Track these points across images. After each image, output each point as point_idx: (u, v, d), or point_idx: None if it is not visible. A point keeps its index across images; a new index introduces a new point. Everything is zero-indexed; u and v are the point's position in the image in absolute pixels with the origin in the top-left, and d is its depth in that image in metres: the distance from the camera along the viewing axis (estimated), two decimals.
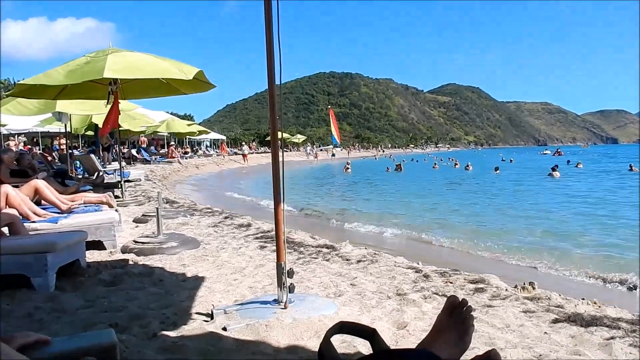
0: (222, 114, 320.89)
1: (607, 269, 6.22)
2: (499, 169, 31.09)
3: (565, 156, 55.06)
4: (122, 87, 7.57)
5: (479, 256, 7.21)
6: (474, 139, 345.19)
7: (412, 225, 10.28)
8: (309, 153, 62.41)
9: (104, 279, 3.98)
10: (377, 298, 3.50)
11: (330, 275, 4.16)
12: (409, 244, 8.19)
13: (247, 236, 6.07)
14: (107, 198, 6.14)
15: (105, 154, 18.91)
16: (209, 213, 8.27)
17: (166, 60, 6.15)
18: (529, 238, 8.78)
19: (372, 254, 4.98)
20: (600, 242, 8.39)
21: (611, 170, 32.10)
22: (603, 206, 13.44)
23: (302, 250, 5.19)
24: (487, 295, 3.50)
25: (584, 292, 4.62)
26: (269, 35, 2.93)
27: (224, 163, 36.40)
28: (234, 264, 4.58)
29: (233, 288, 3.79)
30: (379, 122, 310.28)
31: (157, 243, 5.13)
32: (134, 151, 25.87)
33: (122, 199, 9.26)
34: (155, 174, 19.27)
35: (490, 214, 12.17)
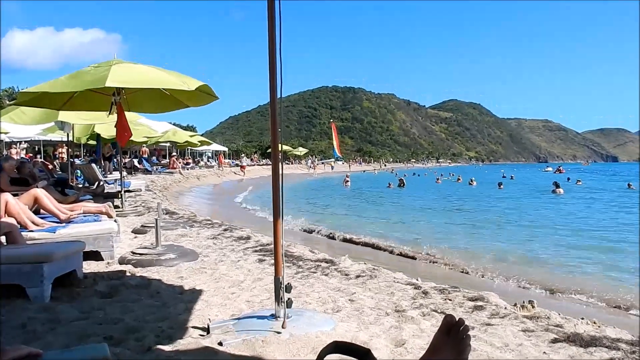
0: (224, 125, 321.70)
1: (608, 288, 6.19)
2: (502, 185, 31.29)
3: (567, 173, 55.31)
4: (127, 98, 7.59)
5: (479, 273, 7.17)
6: (475, 155, 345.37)
7: (412, 239, 10.25)
8: (309, 166, 62.29)
9: (101, 290, 3.95)
10: (376, 314, 3.47)
11: (328, 290, 4.13)
12: (409, 260, 8.14)
13: (246, 249, 6.05)
14: (106, 208, 6.14)
15: (107, 163, 18.95)
16: (209, 225, 8.24)
17: (170, 72, 6.19)
18: (534, 254, 8.75)
19: (371, 269, 4.95)
20: (602, 261, 8.35)
21: (610, 189, 32.06)
22: (600, 227, 13.40)
23: (300, 264, 5.17)
24: (486, 314, 3.47)
25: (583, 311, 4.58)
26: (271, 48, 2.93)
27: (225, 174, 36.41)
28: (232, 277, 4.55)
29: (230, 302, 3.76)
30: (380, 136, 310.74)
31: (155, 255, 5.10)
32: (136, 161, 25.89)
33: (121, 209, 9.24)
34: (156, 184, 19.27)
35: (496, 230, 12.13)
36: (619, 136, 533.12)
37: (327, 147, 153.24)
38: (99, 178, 11.61)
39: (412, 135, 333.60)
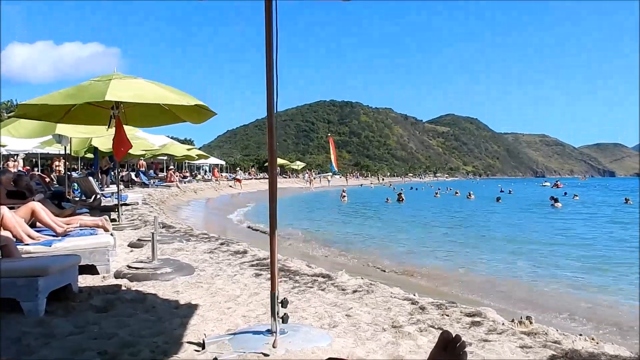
0: (222, 139, 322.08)
1: (607, 301, 6.18)
2: (500, 199, 31.71)
3: (564, 188, 55.62)
4: (125, 112, 7.60)
5: (477, 288, 7.16)
6: (472, 169, 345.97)
7: (409, 254, 10.24)
8: (306, 180, 61.87)
9: (96, 304, 3.93)
10: (372, 330, 3.44)
11: (325, 305, 4.11)
12: (406, 275, 8.13)
13: (242, 263, 6.02)
14: (102, 221, 6.11)
15: (104, 176, 18.91)
16: (205, 239, 8.22)
17: (169, 88, 6.20)
18: (534, 270, 8.74)
19: (368, 284, 4.92)
20: (601, 275, 8.35)
21: (608, 203, 32.14)
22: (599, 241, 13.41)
23: (297, 279, 5.14)
24: (484, 329, 3.45)
25: (581, 327, 4.57)
26: (269, 61, 2.94)
27: (222, 188, 36.37)
28: (228, 292, 4.53)
29: (226, 317, 3.74)
30: (378, 150, 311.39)
31: (151, 269, 5.08)
32: (133, 174, 25.86)
33: (118, 223, 9.20)
34: (153, 197, 19.22)
35: (499, 246, 12.12)
36: (615, 151, 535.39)
37: (324, 161, 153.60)
38: (96, 191, 11.59)
39: (410, 150, 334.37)
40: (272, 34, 2.86)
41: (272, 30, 2.86)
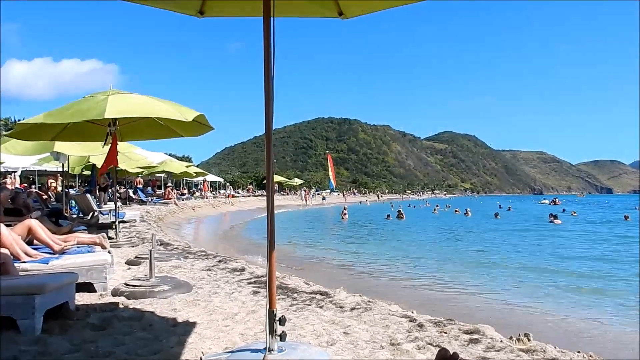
0: (220, 156, 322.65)
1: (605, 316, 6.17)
2: (499, 215, 32.00)
3: (562, 205, 55.81)
4: (121, 129, 7.64)
5: (476, 305, 7.14)
6: (471, 186, 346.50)
7: (407, 272, 10.22)
8: (303, 198, 61.23)
9: (93, 322, 3.91)
10: (370, 347, 3.43)
11: (323, 322, 4.09)
12: (405, 291, 8.11)
13: (240, 281, 6.00)
14: (100, 239, 6.10)
15: (102, 194, 18.91)
16: (203, 256, 8.20)
17: (166, 102, 6.24)
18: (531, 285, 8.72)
19: (366, 301, 4.91)
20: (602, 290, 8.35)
21: (607, 220, 32.19)
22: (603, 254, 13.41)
23: (295, 297, 5.13)
24: (482, 347, 3.44)
25: (580, 344, 4.55)
26: (267, 78, 2.96)
27: (220, 205, 36.35)
28: (226, 310, 4.51)
29: (224, 335, 3.72)
30: (376, 167, 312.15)
31: (148, 286, 5.06)
32: (131, 192, 25.84)
33: (116, 240, 9.18)
34: (151, 215, 19.20)
35: (497, 259, 12.11)
36: (612, 168, 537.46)
37: (322, 178, 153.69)
38: (94, 209, 11.59)
39: (408, 167, 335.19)
40: (270, 51, 2.89)
41: (270, 47, 2.90)
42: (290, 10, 3.42)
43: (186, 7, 3.31)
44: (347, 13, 3.37)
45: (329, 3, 3.32)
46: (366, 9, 3.38)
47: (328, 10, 3.38)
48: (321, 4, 3.35)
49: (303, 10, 3.51)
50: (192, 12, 3.32)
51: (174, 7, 3.33)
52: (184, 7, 3.32)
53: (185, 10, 3.32)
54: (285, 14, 3.37)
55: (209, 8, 3.32)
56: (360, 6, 3.37)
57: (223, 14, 3.51)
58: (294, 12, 3.49)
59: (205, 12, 3.34)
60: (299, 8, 3.47)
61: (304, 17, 3.62)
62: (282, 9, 3.20)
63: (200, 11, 3.31)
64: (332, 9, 3.36)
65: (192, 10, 3.32)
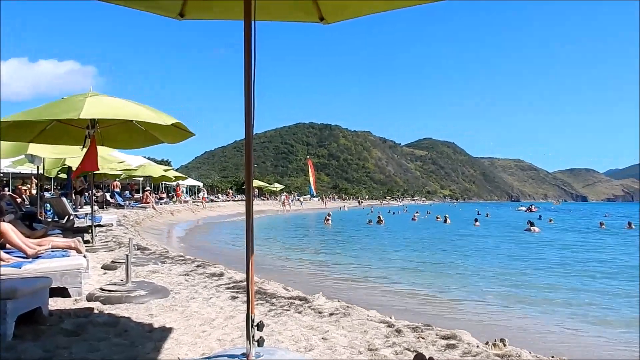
0: (200, 160, 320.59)
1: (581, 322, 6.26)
2: (478, 221, 32.41)
3: (539, 212, 56.67)
4: (101, 132, 7.52)
5: (454, 310, 7.19)
6: (450, 193, 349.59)
7: (387, 277, 10.25)
8: (282, 202, 59.89)
9: (66, 328, 3.83)
10: (349, 353, 3.43)
11: (301, 328, 4.08)
12: (384, 297, 8.13)
13: (218, 286, 5.95)
14: (75, 243, 5.99)
15: (78, 197, 18.60)
16: (181, 261, 8.11)
17: (146, 107, 6.17)
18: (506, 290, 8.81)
19: (344, 306, 4.91)
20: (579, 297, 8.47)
21: (583, 227, 32.77)
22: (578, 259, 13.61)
23: (274, 302, 5.10)
24: (459, 352, 3.46)
25: (554, 348, 4.61)
26: (247, 83, 2.94)
27: (199, 210, 36.02)
28: (203, 315, 4.47)
29: (201, 340, 3.69)
30: (356, 173, 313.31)
31: (124, 291, 4.99)
32: (108, 195, 25.49)
33: (92, 245, 9.04)
34: (129, 219, 18.94)
35: (473, 267, 12.21)
36: (587, 176, 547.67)
37: (303, 184, 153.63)
38: (69, 212, 11.38)
39: (388, 173, 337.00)
40: (251, 55, 2.88)
41: (251, 51, 2.88)
42: (271, 15, 3.41)
43: (166, 9, 3.28)
44: (329, 18, 3.37)
45: (310, 8, 3.32)
46: (347, 14, 3.38)
47: (309, 15, 3.38)
48: (302, 9, 3.34)
49: (284, 14, 3.50)
50: (172, 14, 3.29)
51: (153, 9, 3.29)
52: (164, 9, 3.29)
53: (165, 12, 3.29)
54: (266, 18, 3.36)
55: (190, 10, 3.29)
56: (341, 12, 3.38)
57: (204, 17, 3.49)
58: (275, 17, 3.48)
59: (186, 15, 3.31)
60: (280, 12, 3.46)
61: (285, 21, 3.61)
62: (263, 13, 3.19)
63: (180, 13, 3.29)
64: (314, 14, 3.36)
65: (172, 13, 3.29)
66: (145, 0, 3.25)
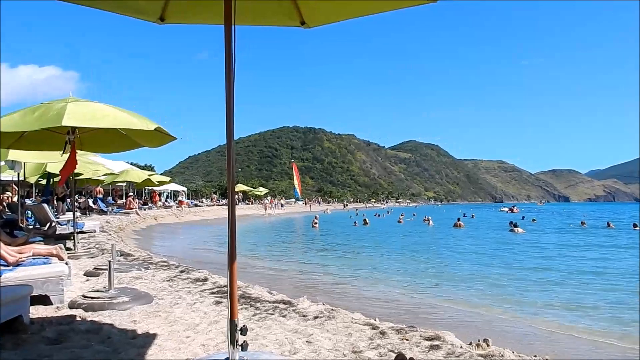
0: (184, 165, 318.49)
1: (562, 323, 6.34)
2: (460, 220, 32.85)
3: (522, 212, 57.28)
4: (81, 137, 7.45)
5: (439, 311, 7.23)
6: (434, 195, 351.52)
7: (372, 279, 10.28)
8: (267, 206, 59.25)
9: (48, 336, 3.79)
10: (333, 356, 3.43)
11: (286, 332, 4.07)
12: (369, 300, 8.15)
13: (202, 291, 5.92)
14: (57, 250, 5.92)
15: (60, 203, 18.38)
16: (165, 266, 8.05)
17: (127, 112, 6.12)
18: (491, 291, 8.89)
19: (329, 309, 4.91)
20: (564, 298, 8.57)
21: (566, 227, 33.20)
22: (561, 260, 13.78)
23: (258, 306, 5.09)
24: (442, 353, 3.49)
25: (537, 348, 4.66)
26: (228, 86, 2.93)
27: (184, 215, 35.79)
28: (187, 321, 4.44)
29: (185, 346, 3.66)
30: (341, 176, 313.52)
31: (107, 298, 4.94)
32: (90, 201, 25.19)
33: (74, 251, 8.94)
34: (111, 225, 18.75)
35: (458, 269, 12.29)
36: (569, 177, 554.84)
37: (287, 187, 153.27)
38: (51, 219, 11.23)
39: (372, 176, 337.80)
40: (232, 59, 2.88)
41: (231, 55, 2.88)
42: (252, 19, 3.42)
43: (146, 13, 3.27)
44: (310, 22, 3.39)
45: (291, 12, 3.33)
46: (328, 18, 3.40)
47: (290, 20, 3.39)
48: (283, 13, 3.36)
49: (265, 19, 3.51)
50: (152, 18, 3.28)
51: (134, 13, 3.28)
52: (144, 13, 3.28)
53: (146, 16, 3.28)
54: (247, 22, 3.37)
55: (170, 15, 3.29)
56: (322, 16, 3.39)
57: (184, 21, 3.48)
58: (256, 21, 3.49)
59: (166, 19, 3.30)
60: (261, 16, 3.47)
61: (266, 25, 3.62)
62: (244, 18, 3.20)
63: (160, 18, 3.28)
64: (295, 18, 3.37)
65: (153, 17, 3.28)
66: (125, 4, 3.24)
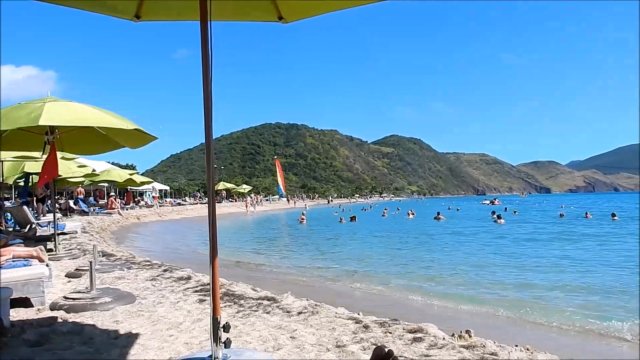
0: (166, 164, 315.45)
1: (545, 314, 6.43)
2: (442, 216, 33.04)
3: (504, 204, 57.85)
4: (61, 138, 7.35)
5: (420, 305, 7.29)
6: (417, 189, 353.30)
7: (357, 274, 10.32)
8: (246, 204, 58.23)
9: (29, 338, 3.75)
10: (317, 350, 3.45)
11: (270, 328, 4.08)
12: (353, 294, 8.19)
13: (186, 289, 5.90)
14: (37, 252, 5.85)
15: (40, 205, 18.14)
16: (148, 266, 8.00)
17: (106, 112, 6.06)
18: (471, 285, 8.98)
19: (313, 305, 4.93)
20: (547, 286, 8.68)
21: (544, 219, 33.68)
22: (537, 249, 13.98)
23: (242, 303, 5.09)
24: (425, 345, 3.52)
25: (518, 338, 4.73)
26: (206, 83, 2.92)
27: (166, 214, 35.55)
28: (170, 319, 4.43)
29: (168, 344, 3.65)
30: (324, 172, 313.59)
31: (89, 299, 4.90)
32: (71, 202, 24.90)
33: (55, 253, 8.84)
34: (93, 225, 18.57)
35: (443, 261, 12.39)
36: (550, 168, 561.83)
37: (271, 184, 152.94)
38: (31, 221, 11.08)
39: (356, 171, 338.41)
40: (208, 55, 2.87)
41: (208, 51, 2.87)
42: (229, 15, 3.40)
43: (122, 11, 3.24)
44: (288, 17, 3.38)
45: (269, 7, 3.32)
46: (306, 13, 3.39)
47: (268, 15, 3.38)
48: (261, 8, 3.34)
49: (242, 14, 3.49)
50: (128, 16, 3.25)
51: (108, 11, 3.24)
52: (120, 11, 3.24)
53: (121, 14, 3.25)
54: (224, 18, 3.35)
55: (146, 12, 3.26)
56: (300, 10, 3.38)
57: (160, 18, 3.46)
58: (233, 17, 3.47)
59: (142, 16, 3.27)
60: (238, 12, 3.45)
61: (243, 21, 3.60)
62: (221, 13, 3.18)
63: (136, 15, 3.25)
64: (272, 14, 3.36)
65: (128, 14, 3.25)
66: (100, 2, 3.20)
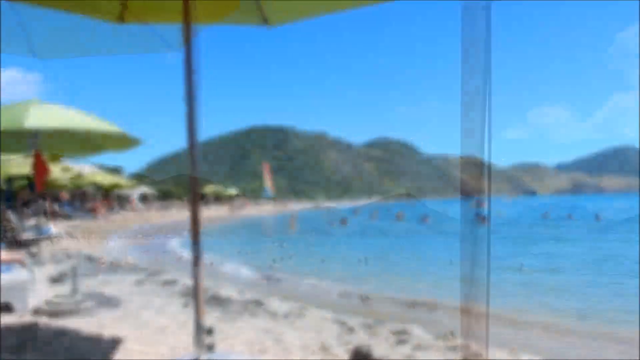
0: (153, 167, 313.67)
1: None
2: (427, 218, 32.96)
3: (493, 206, 58.33)
4: (45, 141, 7.26)
5: (407, 306, 7.31)
6: (405, 191, 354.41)
7: (344, 277, 10.33)
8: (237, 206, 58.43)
9: (10, 344, 3.70)
10: (302, 353, 3.45)
11: (256, 331, 4.07)
12: (340, 297, 8.18)
13: (172, 293, 5.87)
14: (20, 256, 5.79)
15: (24, 209, 17.93)
16: (133, 270, 7.95)
17: (91, 115, 6.01)
18: None
19: (299, 308, 4.93)
20: None
21: (531, 220, 34.02)
22: None
23: (228, 306, 5.07)
24: (410, 346, 3.54)
25: (502, 338, 4.75)
26: (189, 88, 2.90)
27: (153, 218, 35.30)
28: (155, 324, 4.40)
29: (153, 349, 3.63)
30: (313, 175, 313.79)
31: (72, 303, 4.85)
32: (56, 206, 24.65)
33: (39, 257, 8.74)
34: (78, 229, 18.40)
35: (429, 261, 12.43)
36: (537, 171, 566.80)
37: (259, 188, 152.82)
38: (14, 225, 10.96)
39: (344, 174, 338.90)
40: (191, 58, 2.85)
41: (190, 54, 2.86)
42: (213, 17, 3.39)
43: (105, 13, 3.22)
44: (273, 21, 3.37)
45: (253, 11, 3.30)
46: (291, 16, 3.39)
47: (253, 18, 3.36)
48: (245, 11, 3.33)
49: (227, 17, 3.48)
50: (111, 18, 3.23)
51: (92, 13, 3.22)
52: (103, 13, 3.22)
53: (105, 16, 3.22)
54: (208, 20, 3.34)
55: (129, 14, 3.23)
56: (285, 14, 3.38)
57: (144, 20, 3.43)
58: (217, 20, 3.46)
59: (126, 19, 3.25)
60: (222, 15, 3.43)
61: (228, 24, 3.60)
62: (205, 16, 3.17)
63: (120, 17, 3.23)
64: (257, 17, 3.35)
65: (112, 17, 3.22)
66: (82, 4, 3.18)
